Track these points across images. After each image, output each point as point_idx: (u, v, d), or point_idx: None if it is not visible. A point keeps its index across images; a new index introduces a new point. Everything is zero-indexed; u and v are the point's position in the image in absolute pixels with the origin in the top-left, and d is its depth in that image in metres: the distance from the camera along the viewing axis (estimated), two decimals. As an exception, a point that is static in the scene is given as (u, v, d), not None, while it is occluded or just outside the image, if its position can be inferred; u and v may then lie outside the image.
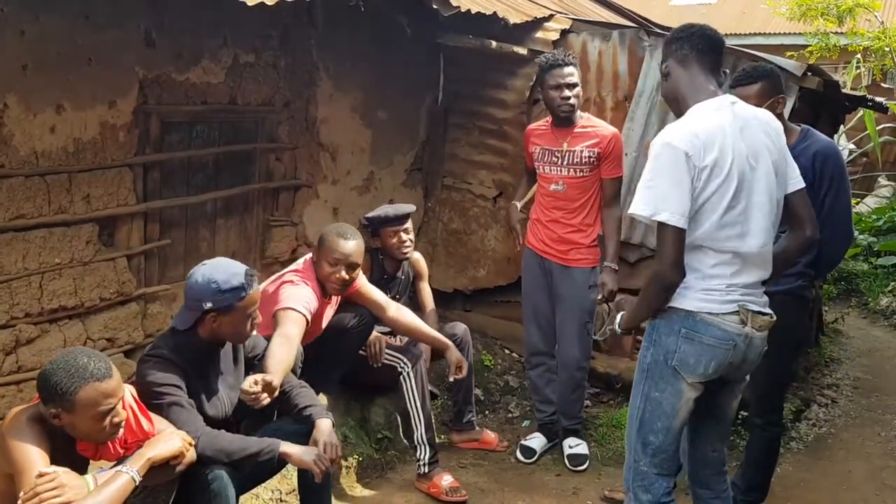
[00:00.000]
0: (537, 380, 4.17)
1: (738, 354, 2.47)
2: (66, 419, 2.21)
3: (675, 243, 2.34)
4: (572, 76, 3.80)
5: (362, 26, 4.38)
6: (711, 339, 2.42)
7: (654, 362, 2.51)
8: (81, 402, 2.18)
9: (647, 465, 2.56)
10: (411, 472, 3.78)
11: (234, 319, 2.74)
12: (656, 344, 2.51)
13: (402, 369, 3.75)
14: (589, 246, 3.94)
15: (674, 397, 2.49)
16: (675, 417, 2.51)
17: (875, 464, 4.28)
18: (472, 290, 5.27)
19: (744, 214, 2.41)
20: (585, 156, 3.85)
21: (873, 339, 6.63)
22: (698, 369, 2.45)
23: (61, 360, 2.23)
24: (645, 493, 2.57)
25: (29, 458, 2.16)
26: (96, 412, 2.21)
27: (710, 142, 2.35)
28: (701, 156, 2.33)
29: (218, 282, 2.69)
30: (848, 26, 11.62)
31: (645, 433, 2.55)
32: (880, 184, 10.79)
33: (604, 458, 4.11)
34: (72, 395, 2.18)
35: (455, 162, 5.26)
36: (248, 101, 4.03)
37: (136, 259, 3.66)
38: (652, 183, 2.37)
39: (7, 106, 3.03)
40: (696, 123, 2.38)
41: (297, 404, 2.97)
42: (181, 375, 2.70)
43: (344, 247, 3.38)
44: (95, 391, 2.20)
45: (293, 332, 3.10)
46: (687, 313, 2.43)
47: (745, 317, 2.44)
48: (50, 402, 2.20)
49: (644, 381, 2.55)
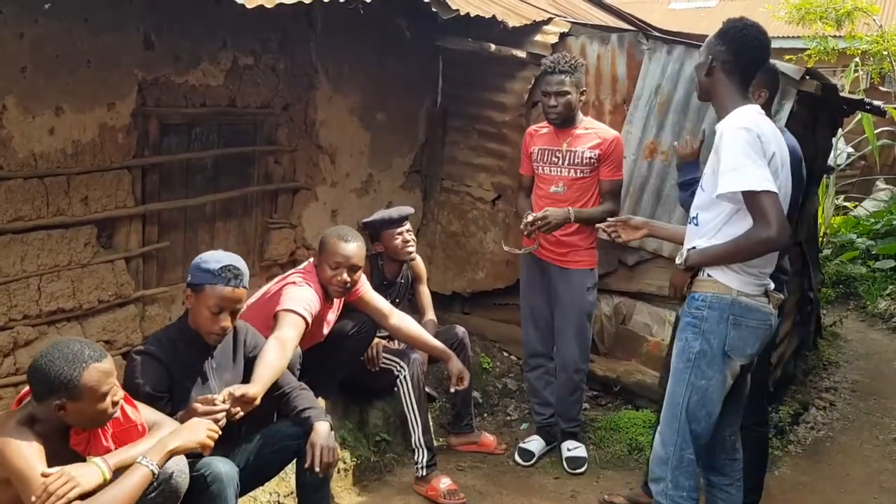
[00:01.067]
0: (535, 382, 4.17)
1: (770, 333, 2.71)
2: (72, 408, 2.21)
3: (777, 205, 2.47)
4: (562, 84, 3.79)
5: (361, 29, 4.39)
6: (755, 322, 2.63)
7: (702, 351, 2.64)
8: (87, 387, 2.20)
9: (691, 453, 2.70)
10: (409, 474, 3.78)
11: (200, 304, 2.75)
12: (705, 333, 2.63)
13: (398, 373, 3.75)
14: (587, 248, 3.94)
15: (720, 384, 2.65)
16: (719, 403, 2.68)
17: (873, 467, 4.28)
18: (471, 292, 5.27)
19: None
20: (587, 156, 3.85)
21: (871, 343, 6.64)
22: (746, 350, 2.65)
23: (55, 352, 2.23)
24: (688, 479, 2.71)
25: (30, 461, 2.16)
26: (100, 393, 2.24)
27: (771, 135, 2.57)
28: (768, 142, 2.53)
29: (204, 259, 2.79)
30: (846, 30, 11.64)
31: (690, 422, 2.68)
32: (878, 187, 10.80)
33: (602, 461, 4.11)
34: (76, 381, 2.19)
35: (454, 164, 5.26)
36: (247, 103, 4.03)
37: (135, 261, 3.66)
38: (739, 161, 2.49)
39: (6, 108, 3.03)
40: (758, 118, 2.58)
41: (295, 406, 2.97)
42: (164, 375, 2.71)
43: (345, 249, 3.38)
44: (98, 372, 2.23)
45: (289, 336, 3.09)
46: (733, 300, 2.60)
47: (770, 298, 2.66)
48: (52, 395, 2.20)
49: (690, 371, 2.68)
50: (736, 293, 2.60)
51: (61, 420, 2.27)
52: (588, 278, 3.96)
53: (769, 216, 2.44)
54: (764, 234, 2.47)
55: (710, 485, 2.95)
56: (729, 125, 2.55)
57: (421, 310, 4.25)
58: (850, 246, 8.81)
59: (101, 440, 2.38)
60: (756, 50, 2.65)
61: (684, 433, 2.69)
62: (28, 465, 2.15)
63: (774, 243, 2.49)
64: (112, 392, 2.28)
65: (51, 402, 2.21)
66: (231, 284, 2.75)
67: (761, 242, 2.50)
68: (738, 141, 2.50)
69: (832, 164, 7.99)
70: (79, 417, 2.26)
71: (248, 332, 3.03)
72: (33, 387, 2.25)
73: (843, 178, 10.63)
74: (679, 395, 2.69)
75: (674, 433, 2.71)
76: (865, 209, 9.96)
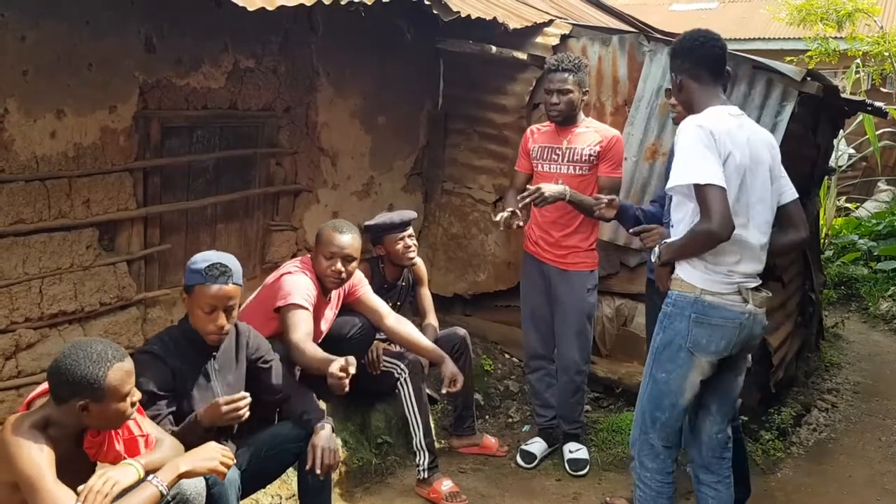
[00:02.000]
0: (537, 384, 4.16)
1: (745, 331, 2.70)
2: (95, 408, 2.21)
3: (723, 201, 2.51)
4: (564, 83, 3.80)
5: (362, 31, 4.39)
6: (719, 320, 2.66)
7: (663, 345, 2.75)
8: (111, 387, 2.20)
9: (655, 439, 2.80)
10: (412, 477, 3.78)
11: (194, 305, 2.77)
12: (667, 329, 2.73)
13: (399, 375, 3.75)
14: (587, 249, 3.94)
15: (681, 378, 2.72)
16: (681, 395, 2.74)
17: (876, 468, 4.27)
18: (472, 294, 5.27)
19: (746, 208, 2.66)
20: (586, 154, 3.85)
21: (873, 344, 6.63)
22: (710, 348, 2.68)
23: (79, 353, 2.21)
24: (652, 461, 2.82)
25: (41, 469, 2.15)
26: (123, 393, 2.24)
27: (727, 135, 2.61)
28: (723, 142, 2.58)
29: (195, 260, 2.80)
30: (847, 31, 11.64)
31: (652, 409, 2.79)
32: (880, 188, 10.80)
33: (604, 463, 4.11)
34: (102, 381, 2.19)
35: (455, 167, 5.26)
36: (248, 106, 4.03)
37: (137, 264, 3.66)
38: (690, 156, 2.57)
39: (7, 111, 3.03)
40: (717, 119, 2.64)
41: (296, 409, 2.98)
42: (168, 375, 2.72)
43: (339, 240, 3.41)
44: (121, 372, 2.24)
45: (303, 333, 3.17)
46: (696, 298, 2.67)
47: (746, 295, 2.67)
48: (77, 396, 2.19)
49: (653, 363, 2.79)
50: (700, 291, 2.68)
51: (80, 422, 2.26)
52: (588, 280, 3.96)
53: (711, 210, 2.51)
54: (705, 226, 2.54)
55: (699, 482, 3.00)
56: (686, 123, 2.64)
57: (422, 312, 4.25)
58: (852, 247, 8.81)
59: (114, 445, 2.38)
60: (705, 42, 2.76)
61: (646, 419, 2.82)
62: (39, 473, 2.14)
63: (715, 236, 2.54)
64: (132, 393, 2.30)
65: (74, 403, 2.20)
66: (219, 282, 2.74)
67: (702, 234, 2.57)
68: (690, 137, 2.59)
69: (833, 165, 7.98)
70: (100, 418, 2.26)
71: (251, 334, 3.03)
72: (55, 388, 2.23)
73: (845, 179, 10.63)
74: (644, 384, 2.84)
75: (638, 417, 2.87)
76: (867, 210, 9.96)
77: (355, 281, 3.68)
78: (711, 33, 2.80)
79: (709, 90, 2.76)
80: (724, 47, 2.80)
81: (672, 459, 2.84)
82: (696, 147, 2.56)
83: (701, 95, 2.76)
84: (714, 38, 2.78)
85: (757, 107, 4.17)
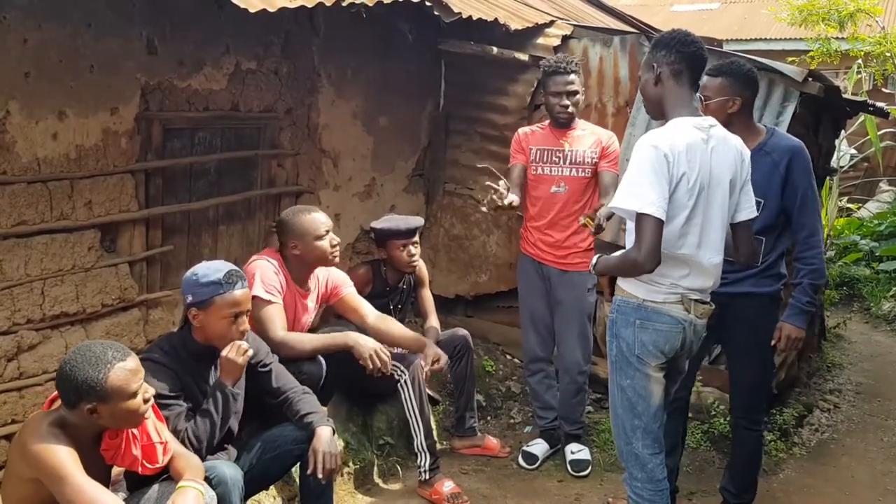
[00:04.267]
0: (537, 386, 4.16)
1: (688, 337, 2.71)
2: (104, 410, 2.22)
3: (656, 233, 2.48)
4: (573, 84, 3.83)
5: (364, 33, 4.39)
6: (663, 325, 2.66)
7: (619, 353, 2.74)
8: (114, 387, 2.21)
9: (639, 448, 2.76)
10: (413, 478, 3.78)
11: (213, 317, 2.77)
12: (617, 337, 2.74)
13: (399, 377, 3.75)
14: (587, 249, 3.94)
15: (644, 379, 2.71)
16: (651, 397, 2.72)
17: (878, 469, 4.27)
18: (474, 295, 5.27)
19: (701, 227, 2.62)
20: (588, 155, 3.87)
21: (875, 344, 6.62)
22: (656, 353, 2.68)
23: (78, 357, 2.23)
24: (640, 471, 2.78)
25: (66, 462, 2.17)
26: (129, 392, 2.25)
27: (686, 154, 2.54)
28: (678, 163, 2.52)
29: (198, 274, 2.77)
30: (849, 31, 11.62)
31: (631, 418, 2.75)
32: (881, 189, 10.78)
33: (606, 463, 4.10)
34: (103, 383, 2.20)
35: (456, 168, 5.26)
36: (250, 107, 4.04)
37: (138, 265, 3.66)
38: (636, 179, 2.52)
39: (9, 113, 3.03)
40: (678, 135, 2.57)
41: (298, 410, 2.98)
42: (173, 378, 2.72)
43: (320, 218, 3.49)
44: (123, 371, 2.24)
45: (279, 329, 3.32)
46: (639, 304, 2.67)
47: (688, 305, 2.67)
48: (83, 400, 2.21)
49: (615, 372, 2.77)
50: (642, 299, 2.67)
51: (95, 424, 2.28)
52: (588, 280, 3.96)
53: (642, 240, 2.49)
54: (632, 255, 2.55)
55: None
56: (642, 139, 2.58)
57: (423, 314, 4.25)
58: (854, 248, 8.80)
59: (131, 449, 2.39)
60: (693, 46, 2.67)
61: (626, 429, 2.77)
62: (67, 468, 2.15)
63: (640, 267, 2.54)
64: (142, 390, 2.30)
65: (82, 406, 2.22)
66: (239, 287, 2.78)
67: (629, 262, 2.60)
68: (641, 159, 2.53)
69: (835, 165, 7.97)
70: (112, 419, 2.27)
71: (248, 338, 3.03)
72: (63, 394, 2.26)
73: (847, 179, 10.61)
74: (614, 395, 2.80)
75: (618, 430, 2.82)
76: (869, 211, 9.94)
77: (339, 281, 3.71)
78: (698, 40, 2.70)
79: (683, 94, 2.67)
80: (706, 56, 2.71)
81: (661, 466, 2.78)
82: (645, 170, 2.50)
83: (674, 99, 2.67)
84: (701, 45, 2.70)
85: (758, 107, 4.16)
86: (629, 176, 2.54)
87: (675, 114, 2.65)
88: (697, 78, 2.71)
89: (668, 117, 2.67)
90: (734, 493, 3.44)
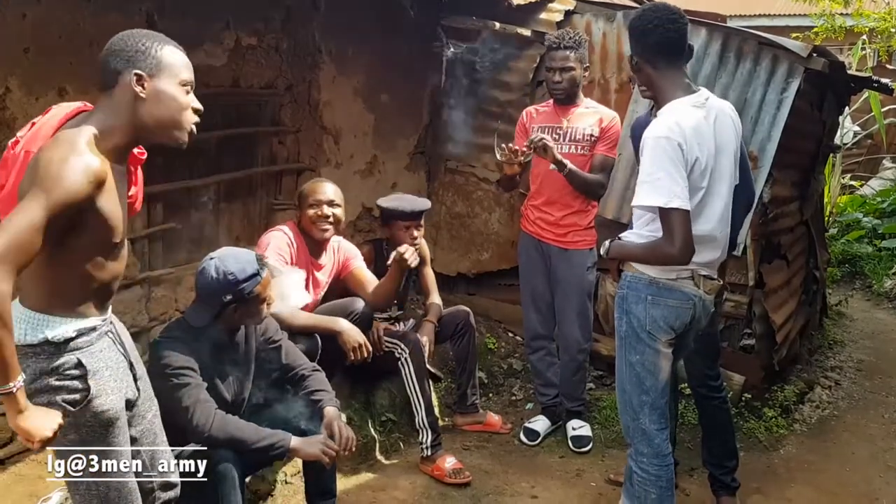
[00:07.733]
0: (538, 364, 4.17)
1: (697, 313, 2.71)
2: (150, 87, 2.01)
3: (686, 224, 2.48)
4: (566, 60, 3.80)
5: (365, 8, 4.36)
6: (674, 301, 2.66)
7: (629, 329, 2.72)
8: (167, 60, 2.03)
9: (646, 423, 2.75)
10: (416, 454, 3.80)
11: (252, 306, 2.80)
12: (628, 313, 2.72)
13: (399, 355, 3.75)
14: (586, 227, 3.94)
15: (654, 355, 2.70)
16: (660, 373, 2.72)
17: (878, 445, 4.29)
18: (476, 273, 5.27)
19: (703, 200, 2.61)
20: (587, 133, 3.85)
21: (877, 322, 6.64)
22: (667, 328, 2.68)
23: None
24: (647, 446, 2.77)
25: (69, 191, 1.84)
26: (181, 79, 2.06)
27: (694, 137, 2.53)
28: (690, 149, 2.53)
29: (234, 273, 2.73)
30: (854, 7, 11.53)
31: (638, 393, 2.75)
32: (885, 166, 10.76)
33: (607, 440, 4.12)
34: (157, 51, 2.03)
35: (458, 145, 5.23)
36: (250, 84, 4.01)
37: (140, 242, 3.65)
38: (657, 174, 2.50)
39: (9, 89, 3.02)
40: (683, 119, 2.54)
41: (307, 387, 2.99)
42: (195, 358, 2.72)
43: (320, 187, 3.58)
44: (180, 54, 2.07)
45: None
46: (650, 280, 2.66)
47: (699, 281, 2.68)
48: (130, 66, 2.01)
49: (623, 348, 2.76)
50: (653, 276, 2.67)
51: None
52: (588, 258, 3.96)
53: (674, 234, 2.48)
54: (667, 250, 2.53)
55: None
56: (651, 133, 2.54)
57: (425, 292, 4.25)
58: (857, 225, 8.80)
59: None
60: (658, 25, 2.61)
61: (633, 404, 2.77)
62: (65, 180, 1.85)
63: (676, 260, 2.54)
64: (191, 84, 2.12)
65: (130, 72, 2.02)
66: (266, 267, 2.84)
67: (662, 255, 2.59)
68: (657, 152, 2.50)
69: (839, 142, 7.94)
70: (156, 105, 2.05)
71: None
72: (111, 60, 2.08)
73: (850, 156, 10.59)
74: (622, 371, 2.79)
75: (625, 405, 2.82)
76: (872, 188, 9.93)
77: (350, 254, 3.75)
78: (668, 12, 2.63)
79: (668, 76, 2.64)
80: (680, 29, 2.62)
81: (666, 441, 2.80)
82: (663, 163, 2.48)
83: (662, 83, 2.65)
84: (670, 19, 2.61)
85: (762, 83, 4.15)
86: (647, 171, 2.52)
87: (670, 97, 2.63)
88: (677, 53, 2.64)
89: (663, 102, 2.65)
90: (716, 463, 3.45)
